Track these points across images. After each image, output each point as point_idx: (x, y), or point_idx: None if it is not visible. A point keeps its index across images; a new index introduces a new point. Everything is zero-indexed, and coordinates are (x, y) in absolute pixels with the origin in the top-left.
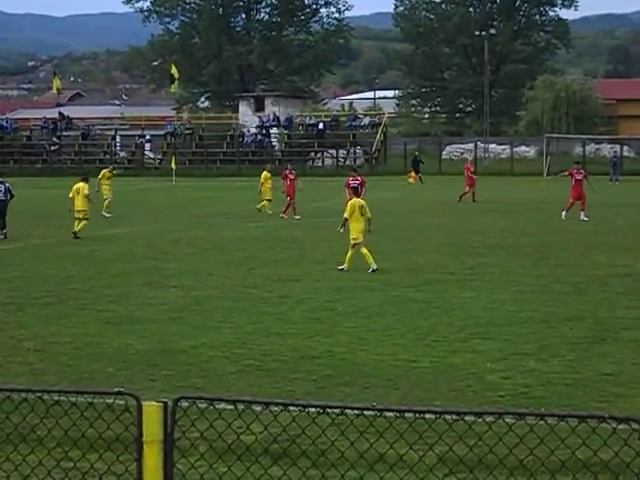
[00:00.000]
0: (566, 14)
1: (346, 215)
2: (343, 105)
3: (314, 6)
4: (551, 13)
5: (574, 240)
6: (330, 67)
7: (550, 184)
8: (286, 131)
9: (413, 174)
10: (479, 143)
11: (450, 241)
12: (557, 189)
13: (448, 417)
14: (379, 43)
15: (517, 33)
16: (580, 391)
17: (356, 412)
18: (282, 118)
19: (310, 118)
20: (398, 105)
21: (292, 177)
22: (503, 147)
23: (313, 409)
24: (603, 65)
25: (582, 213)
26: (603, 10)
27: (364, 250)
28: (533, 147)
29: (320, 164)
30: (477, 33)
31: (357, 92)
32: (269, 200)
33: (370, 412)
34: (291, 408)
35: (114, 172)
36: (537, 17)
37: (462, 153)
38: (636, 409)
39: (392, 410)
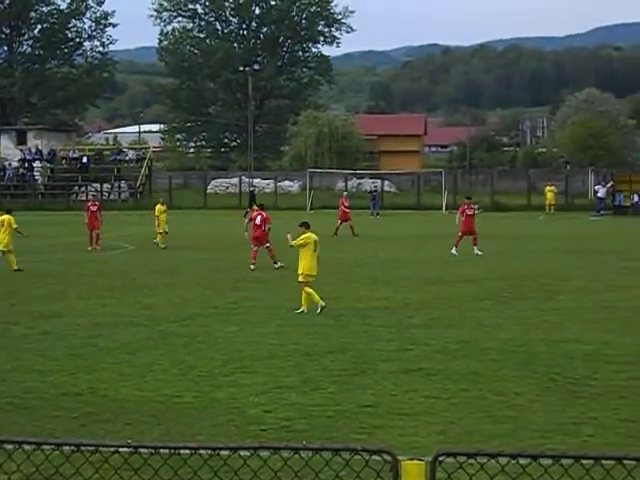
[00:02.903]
0: (328, 51)
1: (296, 243)
2: (107, 139)
3: (77, 39)
4: (314, 50)
5: (338, 273)
6: (94, 101)
7: (315, 217)
8: (49, 165)
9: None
10: (244, 178)
11: (214, 275)
12: (322, 222)
13: (204, 452)
14: (144, 77)
15: (281, 69)
16: (341, 423)
17: (111, 450)
18: (45, 152)
19: (74, 152)
20: (163, 139)
21: (94, 209)
22: (267, 182)
23: (67, 447)
24: (365, 101)
25: (475, 248)
26: (365, 47)
27: (309, 289)
28: (297, 182)
29: (84, 198)
30: (241, 68)
31: (122, 126)
32: (165, 233)
33: (125, 449)
34: (45, 447)
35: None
36: (300, 53)
37: (227, 187)
38: (393, 440)
39: (147, 447)
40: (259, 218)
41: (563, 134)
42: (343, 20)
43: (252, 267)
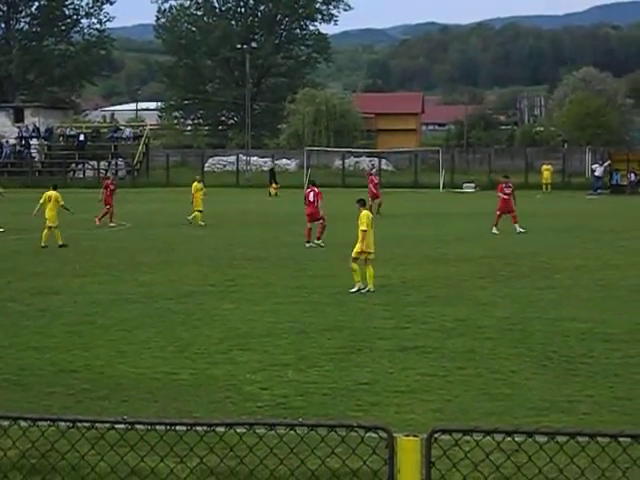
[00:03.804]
0: (326, 29)
1: (364, 228)
2: (105, 116)
3: (75, 17)
4: (311, 27)
5: (334, 251)
6: (91, 78)
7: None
8: (46, 142)
9: (274, 185)
10: (241, 156)
11: (212, 253)
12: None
13: (200, 429)
14: (141, 55)
15: (278, 47)
16: (337, 400)
17: (107, 426)
18: (42, 129)
19: (71, 129)
20: (160, 117)
21: (112, 187)
22: (265, 160)
23: (63, 423)
24: (363, 79)
25: (517, 226)
26: (362, 25)
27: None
28: (294, 160)
29: (81, 176)
30: (239, 46)
31: (119, 103)
32: (200, 211)
33: (121, 425)
34: (41, 423)
35: None
36: (298, 31)
37: (224, 165)
38: (389, 417)
39: (143, 423)
40: (312, 194)
41: (561, 113)
42: None
43: (307, 245)
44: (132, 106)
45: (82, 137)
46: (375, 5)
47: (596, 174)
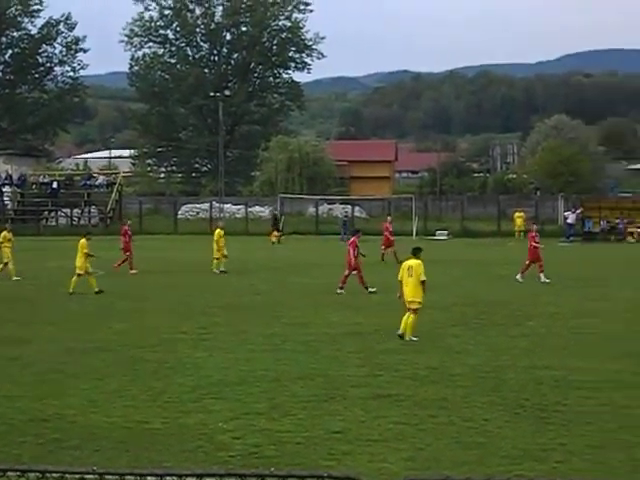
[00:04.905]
0: (300, 77)
1: (424, 277)
2: (78, 164)
3: (48, 64)
4: (285, 76)
5: (308, 299)
6: (65, 125)
7: (284, 244)
8: (19, 190)
9: (275, 232)
10: (214, 203)
11: (185, 300)
12: (291, 248)
13: (169, 479)
14: (114, 102)
15: (252, 94)
16: (310, 450)
17: (76, 477)
18: (15, 176)
19: (44, 177)
20: (134, 164)
21: (130, 233)
22: (238, 207)
23: (33, 474)
24: (336, 127)
25: (542, 275)
26: (335, 73)
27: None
28: (268, 207)
29: (54, 223)
30: (212, 94)
31: (92, 151)
32: (225, 256)
33: (91, 476)
34: (10, 474)
35: None
36: (271, 79)
37: (198, 213)
38: (362, 466)
39: (112, 473)
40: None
41: (533, 160)
42: (314, 46)
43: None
44: (105, 153)
45: (55, 185)
46: (348, 53)
47: (568, 221)
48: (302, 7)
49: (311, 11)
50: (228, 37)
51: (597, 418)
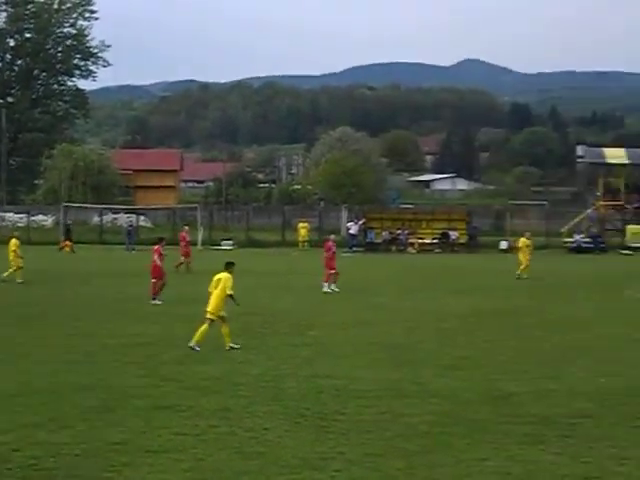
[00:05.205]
0: (85, 84)
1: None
2: None
3: None
4: (70, 83)
5: (92, 309)
6: None
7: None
8: None
9: (67, 242)
10: None
11: None
12: (87, 258)
13: None
14: None
15: (36, 102)
16: (90, 461)
17: None
18: None
19: None
20: None
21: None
22: (20, 216)
23: None
24: (122, 135)
25: (326, 284)
26: (122, 82)
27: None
28: (51, 216)
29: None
30: None
31: None
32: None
33: None
34: None
35: None
36: (56, 87)
37: None
38: (142, 478)
39: None
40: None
41: (317, 171)
42: (99, 54)
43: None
44: None
45: None
46: (134, 62)
47: (351, 232)
48: (87, 15)
49: (96, 19)
50: (12, 43)
51: (376, 426)
